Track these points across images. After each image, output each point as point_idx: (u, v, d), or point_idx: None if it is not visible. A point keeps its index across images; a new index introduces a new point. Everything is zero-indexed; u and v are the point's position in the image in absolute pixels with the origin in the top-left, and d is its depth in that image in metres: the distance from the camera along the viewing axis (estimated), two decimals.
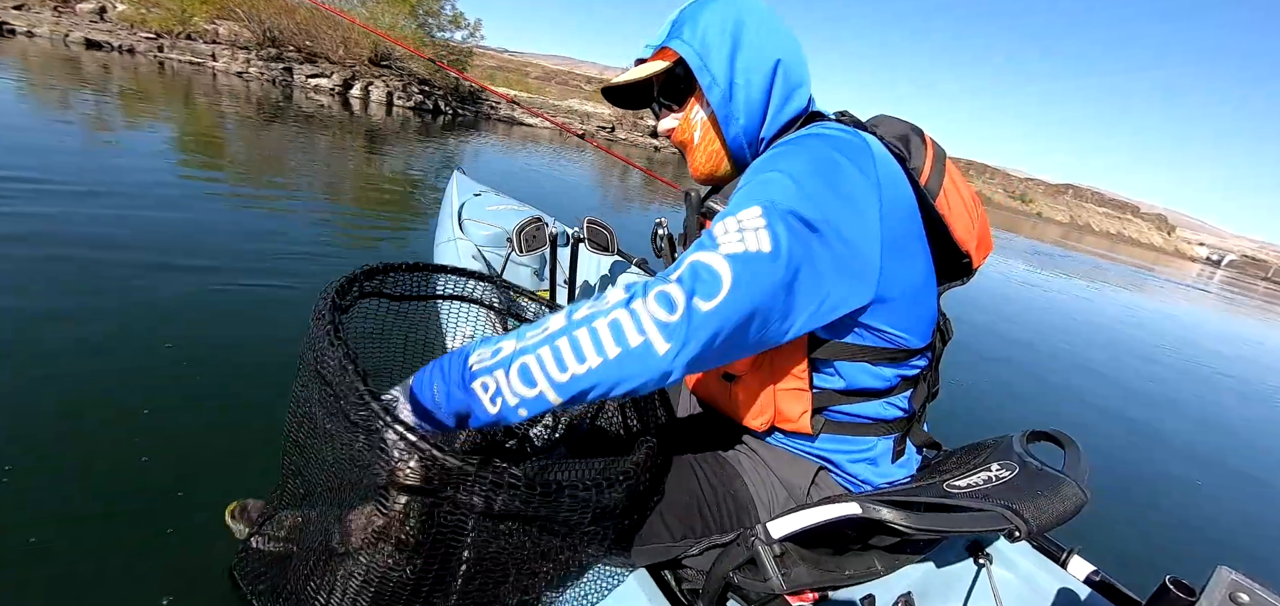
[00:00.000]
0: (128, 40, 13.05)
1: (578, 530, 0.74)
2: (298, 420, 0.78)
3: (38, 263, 2.78)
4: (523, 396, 0.63)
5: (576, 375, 0.62)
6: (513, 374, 0.64)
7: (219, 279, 2.99)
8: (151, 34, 13.54)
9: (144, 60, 12.37)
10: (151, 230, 3.40)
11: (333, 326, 0.73)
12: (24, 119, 5.51)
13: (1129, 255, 45.52)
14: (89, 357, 2.16)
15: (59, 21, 12.71)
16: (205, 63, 13.48)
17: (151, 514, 1.55)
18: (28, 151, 4.45)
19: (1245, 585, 0.70)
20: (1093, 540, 0.98)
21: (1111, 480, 2.88)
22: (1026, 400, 3.99)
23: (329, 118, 10.34)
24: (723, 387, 0.95)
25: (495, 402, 0.64)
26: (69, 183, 3.91)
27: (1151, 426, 3.94)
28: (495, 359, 0.64)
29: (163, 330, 2.45)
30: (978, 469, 0.82)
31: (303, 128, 8.68)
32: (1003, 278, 10.66)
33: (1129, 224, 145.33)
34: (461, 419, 0.67)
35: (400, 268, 0.97)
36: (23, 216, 3.22)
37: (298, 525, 0.82)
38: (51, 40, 11.91)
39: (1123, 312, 9.84)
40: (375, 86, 15.20)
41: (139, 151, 5.26)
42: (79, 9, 13.84)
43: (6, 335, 2.19)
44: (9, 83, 7.01)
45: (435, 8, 17.43)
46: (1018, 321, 6.54)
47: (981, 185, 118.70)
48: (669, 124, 0.92)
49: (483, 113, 19.44)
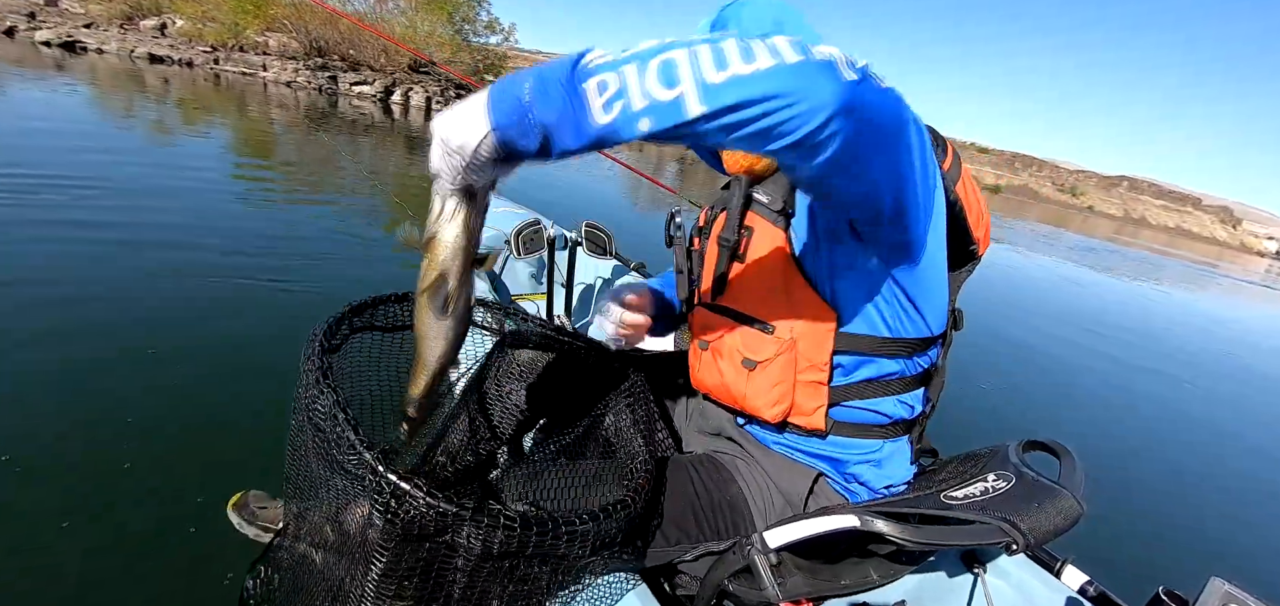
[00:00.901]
0: (186, 54, 13.99)
1: (578, 562, 0.76)
2: (295, 462, 0.80)
3: (88, 260, 3.03)
4: (655, 99, 0.52)
5: (738, 76, 0.50)
6: (650, 69, 0.52)
7: (256, 276, 3.22)
8: (208, 47, 14.39)
9: (201, 73, 13.26)
10: (195, 230, 3.70)
11: (321, 372, 0.73)
12: (88, 126, 6.05)
13: (1189, 250, 43.13)
14: (120, 349, 2.32)
15: (125, 38, 13.61)
16: (257, 73, 14.23)
17: (180, 499, 1.66)
18: (86, 154, 4.90)
19: (1239, 596, 0.71)
20: (1086, 549, 0.98)
21: (1106, 488, 2.88)
22: (1024, 404, 3.93)
23: (370, 123, 10.77)
24: (740, 375, 0.95)
25: (611, 108, 0.52)
26: (119, 184, 4.29)
27: (1150, 433, 3.90)
28: (623, 54, 0.53)
29: (197, 324, 2.63)
30: (974, 479, 0.85)
31: (346, 133, 9.01)
32: (1032, 273, 10.18)
33: (1189, 217, 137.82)
34: (548, 133, 0.54)
35: (389, 299, 0.98)
36: (74, 214, 3.55)
37: (300, 561, 0.85)
38: (119, 56, 12.82)
39: (1152, 311, 9.50)
40: (414, 92, 15.64)
41: (190, 156, 5.81)
42: (142, 26, 14.89)
43: (52, 323, 2.39)
44: (80, 95, 7.78)
45: (471, 14, 17.78)
46: (1024, 323, 6.29)
47: (1027, 178, 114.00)
48: None
49: None
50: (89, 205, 3.75)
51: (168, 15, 16.22)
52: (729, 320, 0.96)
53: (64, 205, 3.65)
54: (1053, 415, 3.89)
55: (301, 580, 0.82)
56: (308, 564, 0.81)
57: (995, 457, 0.88)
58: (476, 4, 18.61)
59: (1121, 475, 3.12)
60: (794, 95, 0.51)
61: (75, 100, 7.32)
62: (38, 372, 2.07)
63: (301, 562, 0.82)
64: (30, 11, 14.61)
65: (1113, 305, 9.25)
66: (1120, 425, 3.92)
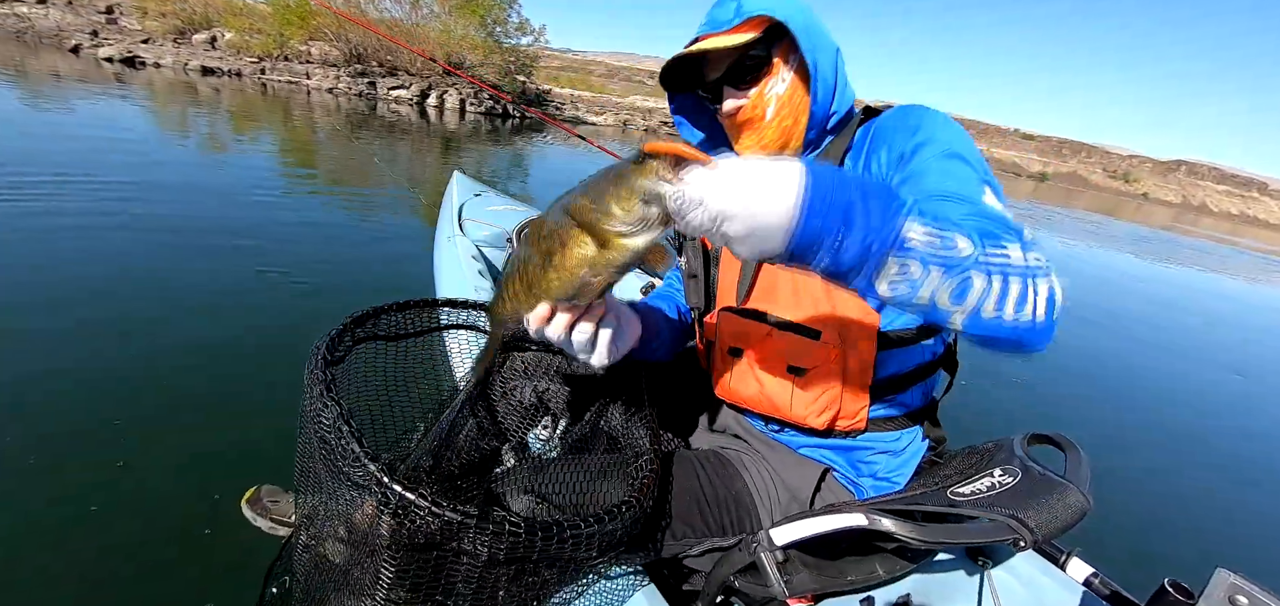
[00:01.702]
0: (235, 65, 14.74)
1: (584, 564, 0.78)
2: (303, 470, 0.82)
3: (134, 256, 3.29)
4: (933, 303, 0.56)
5: (1005, 321, 0.57)
6: (949, 282, 0.55)
7: (295, 274, 3.44)
8: (255, 58, 14.99)
9: (249, 83, 14.09)
10: (230, 231, 3.95)
11: (324, 385, 0.74)
12: (142, 135, 6.70)
13: (1254, 238, 40.62)
14: (155, 340, 2.49)
15: (179, 52, 14.38)
16: (301, 82, 14.99)
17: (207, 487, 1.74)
18: (137, 158, 5.43)
19: (1245, 588, 0.71)
20: (1092, 541, 0.97)
21: (1111, 480, 2.88)
22: (1027, 395, 3.89)
23: (408, 125, 11.24)
24: (784, 384, 0.95)
25: (896, 287, 0.55)
26: (161, 187, 4.67)
27: (1154, 424, 3.83)
28: (940, 249, 0.55)
29: (225, 319, 2.78)
30: (980, 475, 0.86)
31: (384, 136, 9.34)
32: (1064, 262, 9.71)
33: (1255, 203, 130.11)
34: (834, 258, 0.55)
35: (390, 308, 1.00)
36: (125, 214, 3.87)
37: (314, 565, 0.87)
38: (173, 69, 13.61)
39: (1194, 299, 9.13)
40: (449, 94, 15.99)
41: (235, 163, 6.34)
42: (194, 40, 15.60)
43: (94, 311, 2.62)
44: (138, 106, 8.69)
45: (502, 17, 18.13)
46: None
47: (1077, 165, 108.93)
48: (737, 102, 0.93)
49: (549, 114, 19.90)
50: (122, 208, 4.01)
51: (218, 28, 17.04)
52: (765, 326, 0.95)
53: (100, 209, 3.91)
54: (1056, 406, 3.84)
55: (315, 584, 0.85)
56: (321, 567, 0.83)
57: (1000, 452, 0.90)
58: (507, 6, 18.89)
59: (1127, 466, 3.10)
60: (1036, 347, 0.61)
61: (131, 111, 7.78)
62: (75, 364, 2.21)
63: (316, 566, 0.84)
64: (93, 30, 15.52)
65: (1137, 290, 8.87)
66: (1125, 415, 3.87)
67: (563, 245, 0.66)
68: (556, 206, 0.68)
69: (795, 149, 0.95)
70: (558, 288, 0.70)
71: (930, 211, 0.57)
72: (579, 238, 0.65)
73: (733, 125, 0.97)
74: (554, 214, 0.68)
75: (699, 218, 0.54)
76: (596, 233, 0.63)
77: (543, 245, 0.69)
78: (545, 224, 0.69)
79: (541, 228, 0.70)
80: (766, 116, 0.92)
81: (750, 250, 0.56)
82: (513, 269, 0.76)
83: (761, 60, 0.90)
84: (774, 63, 0.91)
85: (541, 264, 0.70)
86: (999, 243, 0.58)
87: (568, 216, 0.65)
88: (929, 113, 0.85)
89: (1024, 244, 0.61)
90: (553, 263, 0.68)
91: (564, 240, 0.66)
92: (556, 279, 0.69)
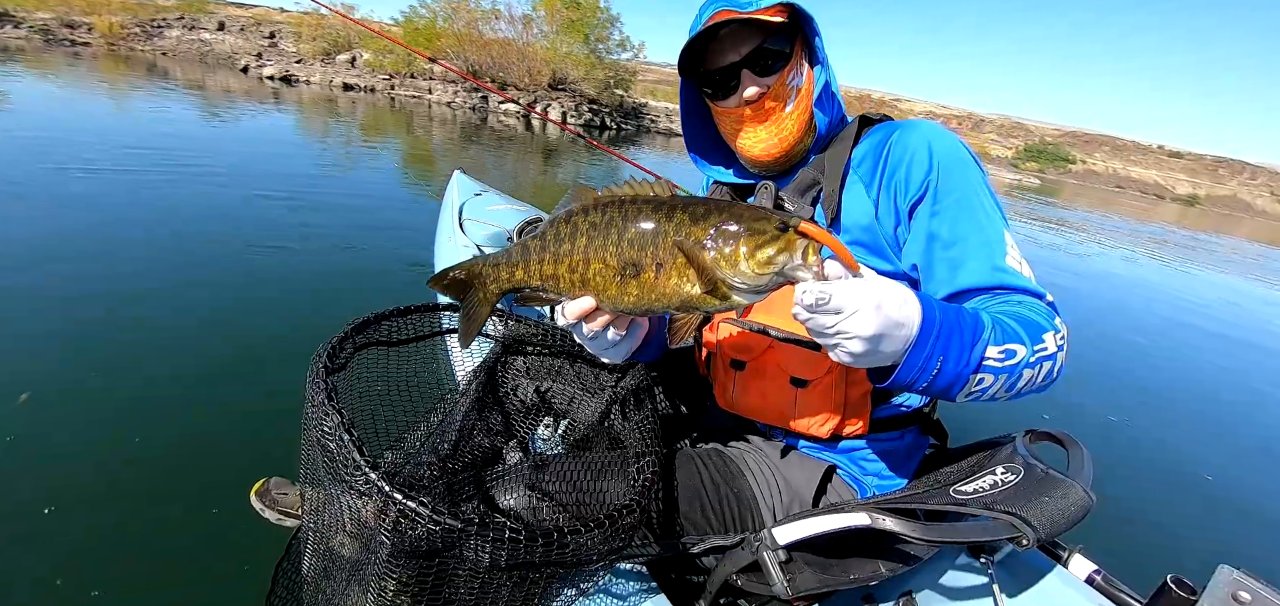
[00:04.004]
0: (370, 82, 16.13)
1: (586, 566, 0.79)
2: (308, 473, 0.83)
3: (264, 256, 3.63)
4: (993, 398, 0.73)
5: (1028, 393, 0.75)
6: (1010, 380, 0.71)
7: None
8: (387, 75, 16.41)
9: (381, 97, 15.52)
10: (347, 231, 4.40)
11: (326, 394, 0.74)
12: (288, 143, 7.82)
13: None
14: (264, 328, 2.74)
15: (325, 71, 16.11)
16: (423, 96, 16.37)
17: None
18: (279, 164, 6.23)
19: (1247, 584, 0.71)
20: (1095, 538, 0.95)
21: (1113, 476, 2.86)
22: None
23: (514, 136, 11.81)
24: (787, 395, 0.95)
25: (971, 395, 0.71)
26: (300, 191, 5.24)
27: (1157, 420, 3.77)
28: (1005, 361, 0.70)
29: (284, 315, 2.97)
30: (983, 472, 0.86)
31: (492, 145, 10.00)
32: None
33: None
34: (936, 391, 0.70)
35: (391, 314, 1.00)
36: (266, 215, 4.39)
37: (320, 560, 0.88)
38: (320, 86, 15.14)
39: None
40: (552, 107, 16.81)
41: (368, 167, 7.09)
42: (338, 60, 17.34)
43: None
44: (291, 117, 10.46)
45: (605, 34, 18.84)
46: None
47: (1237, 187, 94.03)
48: (760, 88, 0.90)
49: (643, 127, 20.42)
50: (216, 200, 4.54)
51: (357, 50, 19.00)
52: (768, 339, 0.95)
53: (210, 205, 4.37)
54: (1058, 403, 3.70)
55: (322, 575, 0.85)
56: (328, 559, 0.84)
57: (1003, 450, 0.90)
58: (609, 25, 19.64)
59: (1129, 462, 3.08)
60: (1048, 390, 0.77)
61: (286, 120, 8.95)
62: (89, 354, 2.31)
63: (323, 558, 0.85)
64: (258, 52, 18.00)
65: None
66: (1128, 411, 3.80)
67: (659, 267, 0.63)
68: (635, 207, 0.64)
69: (805, 147, 0.95)
70: (630, 302, 0.66)
71: (996, 324, 0.71)
72: (683, 269, 0.62)
73: (747, 115, 0.92)
74: (641, 220, 0.63)
75: (827, 321, 0.59)
76: (708, 276, 0.60)
77: (622, 250, 0.64)
78: (627, 227, 0.64)
79: (621, 226, 0.64)
80: (787, 108, 0.91)
81: (851, 362, 0.63)
82: (554, 250, 0.70)
83: (784, 48, 0.90)
84: (795, 53, 0.90)
85: (616, 270, 0.65)
86: (1041, 337, 0.73)
87: (666, 237, 0.61)
88: (944, 151, 0.84)
89: (1054, 326, 0.75)
90: (637, 277, 0.64)
91: (662, 263, 0.62)
92: (635, 293, 0.65)
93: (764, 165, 0.97)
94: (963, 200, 0.82)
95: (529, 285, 0.73)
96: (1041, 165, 53.46)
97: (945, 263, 0.83)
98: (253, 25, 22.13)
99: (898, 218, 0.87)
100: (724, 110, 0.95)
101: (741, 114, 0.93)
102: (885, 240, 0.89)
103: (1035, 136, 67.45)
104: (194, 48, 19.10)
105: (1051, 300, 0.81)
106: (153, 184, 4.59)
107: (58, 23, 17.60)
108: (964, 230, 0.82)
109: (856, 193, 0.91)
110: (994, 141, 63.15)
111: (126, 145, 5.74)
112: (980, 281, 0.81)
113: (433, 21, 19.09)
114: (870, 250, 0.90)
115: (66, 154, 4.98)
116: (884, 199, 0.88)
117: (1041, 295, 0.81)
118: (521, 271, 0.73)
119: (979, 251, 0.81)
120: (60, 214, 3.68)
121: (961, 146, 0.87)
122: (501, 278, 0.75)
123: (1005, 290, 0.80)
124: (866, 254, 0.90)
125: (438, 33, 18.65)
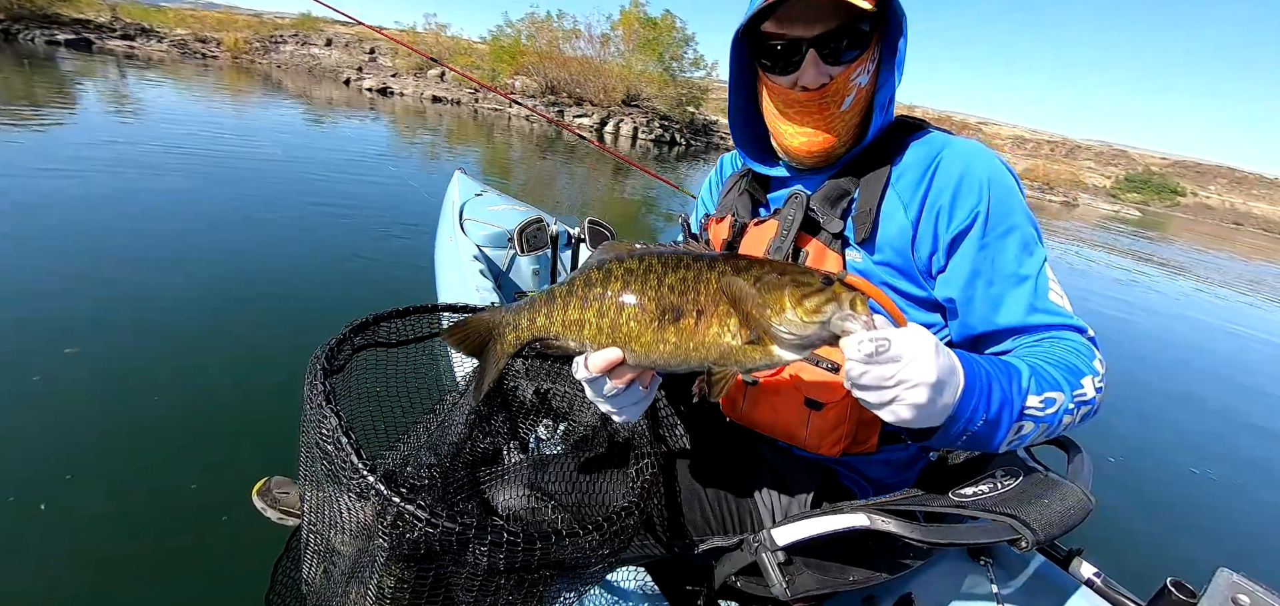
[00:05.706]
0: (457, 94, 17.08)
1: (585, 567, 0.79)
2: (307, 473, 0.83)
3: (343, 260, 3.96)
4: (1031, 440, 0.73)
5: (1051, 430, 0.74)
6: (1049, 427, 0.72)
7: None
8: (472, 88, 17.41)
9: (466, 109, 16.44)
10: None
11: (324, 396, 0.74)
12: (378, 149, 8.50)
13: None
14: None
15: (417, 84, 17.27)
16: (504, 109, 16.88)
17: None
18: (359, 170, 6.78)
19: (1246, 587, 0.71)
20: (1094, 540, 0.93)
21: (1114, 480, 2.86)
22: None
23: (586, 150, 12.04)
24: (800, 415, 0.91)
25: (1013, 443, 0.72)
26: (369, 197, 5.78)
27: (1157, 425, 3.76)
28: (1045, 410, 0.71)
29: None
30: (983, 475, 0.86)
31: (565, 157, 10.33)
32: None
33: None
34: (982, 434, 0.69)
35: (390, 315, 0.99)
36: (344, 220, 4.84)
37: (319, 558, 0.88)
38: (412, 98, 16.32)
39: None
40: (624, 122, 17.20)
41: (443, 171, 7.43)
42: (428, 75, 18.45)
43: None
44: (385, 126, 11.74)
45: (679, 53, 19.17)
46: None
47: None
48: (824, 76, 0.82)
49: (712, 143, 20.50)
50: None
51: (446, 65, 20.32)
52: None
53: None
54: None
55: (322, 574, 0.85)
56: (328, 558, 0.84)
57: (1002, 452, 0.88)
58: (684, 44, 19.94)
59: (1129, 466, 3.07)
60: None
61: (380, 128, 9.74)
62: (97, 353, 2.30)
63: (323, 557, 0.85)
64: (359, 66, 19.61)
65: None
66: (1127, 415, 3.76)
67: (700, 313, 0.60)
68: (675, 256, 0.62)
69: (845, 148, 0.88)
70: (666, 351, 0.63)
71: (1035, 373, 0.71)
72: (724, 318, 0.59)
73: (799, 99, 0.84)
74: (682, 267, 0.61)
75: (888, 372, 0.57)
76: (754, 325, 0.58)
77: (662, 295, 0.61)
78: (667, 273, 0.62)
79: (660, 272, 0.62)
80: (843, 105, 0.84)
81: (910, 417, 0.60)
82: (583, 293, 0.66)
83: (861, 39, 0.81)
84: (870, 47, 0.83)
85: (654, 315, 0.62)
86: (1079, 382, 0.73)
87: (709, 283, 0.59)
88: (994, 181, 0.81)
89: (1093, 369, 0.75)
90: (676, 323, 0.61)
91: (703, 309, 0.60)
92: (673, 342, 0.62)
93: (798, 159, 0.91)
94: (1009, 235, 0.81)
95: (550, 333, 0.69)
96: (1145, 196, 48.79)
97: (987, 301, 0.82)
98: (356, 42, 24.23)
99: (935, 244, 0.83)
100: (775, 86, 0.86)
101: (793, 97, 0.85)
102: (918, 266, 0.85)
103: (1138, 165, 61.66)
104: (304, 62, 21.15)
105: (1092, 335, 0.80)
106: (185, 188, 4.82)
107: (192, 37, 20.61)
108: (1008, 268, 0.81)
109: (894, 211, 0.85)
110: (1090, 169, 58.27)
111: (176, 145, 6.14)
112: (1020, 321, 0.80)
113: (516, 40, 20.12)
114: (901, 273, 0.86)
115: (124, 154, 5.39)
116: (925, 223, 0.83)
117: (1082, 330, 0.80)
118: (543, 318, 0.69)
119: (1021, 290, 0.80)
120: (80, 215, 3.80)
121: (1008, 174, 0.84)
122: (522, 326, 0.71)
123: (1045, 328, 0.79)
124: (897, 276, 0.86)
125: (521, 50, 19.63)
